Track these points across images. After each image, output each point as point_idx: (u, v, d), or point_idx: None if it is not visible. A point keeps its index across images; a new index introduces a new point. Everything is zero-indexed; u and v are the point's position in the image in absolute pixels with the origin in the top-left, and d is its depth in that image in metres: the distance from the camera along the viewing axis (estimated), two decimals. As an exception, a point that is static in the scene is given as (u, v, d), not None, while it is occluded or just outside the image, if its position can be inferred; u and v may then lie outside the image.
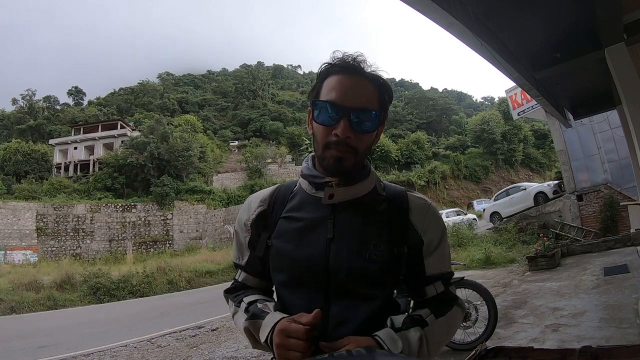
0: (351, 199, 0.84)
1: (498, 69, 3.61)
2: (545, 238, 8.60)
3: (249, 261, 0.91)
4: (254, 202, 0.92)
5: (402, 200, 0.86)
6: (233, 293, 0.94)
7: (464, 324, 3.59)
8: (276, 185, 0.95)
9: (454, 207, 30.10)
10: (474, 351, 1.04)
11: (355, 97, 0.78)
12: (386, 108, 0.84)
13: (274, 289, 0.92)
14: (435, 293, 0.86)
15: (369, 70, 0.81)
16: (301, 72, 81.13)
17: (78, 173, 34.49)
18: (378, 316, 0.80)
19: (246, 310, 0.85)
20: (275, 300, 0.89)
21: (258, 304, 0.85)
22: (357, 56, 0.81)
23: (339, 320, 0.79)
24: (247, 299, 0.88)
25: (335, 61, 0.81)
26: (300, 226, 0.84)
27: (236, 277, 0.96)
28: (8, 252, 23.44)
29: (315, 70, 0.90)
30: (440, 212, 0.91)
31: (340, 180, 0.83)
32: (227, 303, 0.95)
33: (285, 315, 0.77)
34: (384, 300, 0.83)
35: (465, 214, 19.96)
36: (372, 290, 0.81)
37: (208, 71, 76.08)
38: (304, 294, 0.81)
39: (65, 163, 35.74)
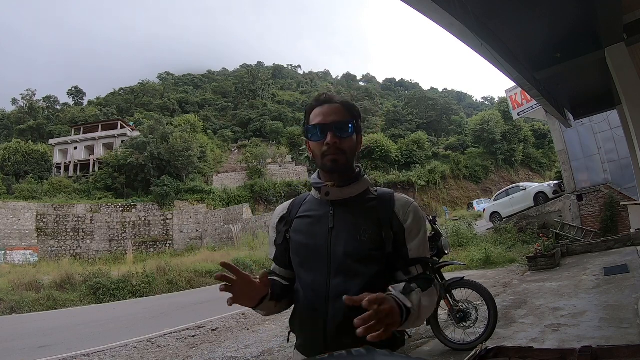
0: (346, 197, 1.10)
1: (498, 69, 3.61)
2: (545, 238, 8.58)
3: (276, 255, 1.19)
4: (279, 210, 1.23)
5: (389, 198, 1.11)
6: None
7: (464, 323, 3.59)
8: (296, 197, 1.26)
9: (455, 208, 30.12)
10: (473, 351, 1.04)
11: (332, 116, 1.08)
12: (357, 119, 1.13)
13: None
14: (416, 273, 1.06)
15: (337, 99, 1.13)
16: (301, 72, 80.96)
17: (78, 173, 34.47)
18: (369, 289, 0.93)
19: None
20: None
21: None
22: (327, 92, 1.18)
23: (338, 292, 1.00)
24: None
25: (313, 100, 1.14)
26: (309, 221, 1.12)
27: (270, 267, 1.24)
28: (8, 252, 23.42)
29: (316, 70, 1.01)
30: None
31: (337, 182, 1.09)
32: None
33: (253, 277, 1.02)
34: (373, 276, 1.03)
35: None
36: (363, 267, 1.03)
37: (208, 71, 75.88)
38: (312, 272, 1.07)
39: (65, 163, 35.73)
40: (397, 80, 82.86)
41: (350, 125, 1.08)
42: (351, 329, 0.91)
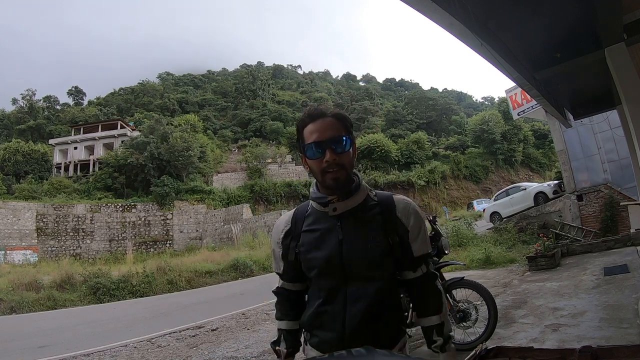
0: (350, 208, 1.13)
1: (498, 69, 3.61)
2: (545, 238, 8.57)
3: (285, 270, 1.23)
4: (281, 224, 1.24)
5: (389, 202, 1.16)
6: (277, 297, 1.29)
7: (464, 324, 3.58)
8: (294, 209, 1.26)
9: (455, 208, 30.10)
10: (473, 351, 1.04)
11: (327, 131, 1.09)
12: (351, 131, 1.15)
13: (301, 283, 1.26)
14: (421, 273, 1.16)
15: (329, 112, 1.13)
16: (301, 72, 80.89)
17: (78, 173, 34.47)
18: (383, 293, 1.11)
19: (278, 331, 1.26)
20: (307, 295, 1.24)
21: (282, 335, 1.23)
22: (319, 106, 1.16)
23: (355, 297, 1.09)
24: (280, 325, 1.26)
25: (305, 116, 1.14)
26: (318, 235, 1.14)
27: (279, 284, 1.28)
28: (8, 252, 23.42)
29: (316, 70, 0.97)
30: None
31: (340, 196, 1.12)
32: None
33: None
34: (386, 280, 1.12)
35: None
36: (376, 272, 1.10)
37: (208, 71, 75.79)
38: (328, 281, 1.12)
39: (65, 163, 35.73)
40: (397, 80, 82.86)
41: (345, 139, 1.10)
42: (367, 329, 1.08)
